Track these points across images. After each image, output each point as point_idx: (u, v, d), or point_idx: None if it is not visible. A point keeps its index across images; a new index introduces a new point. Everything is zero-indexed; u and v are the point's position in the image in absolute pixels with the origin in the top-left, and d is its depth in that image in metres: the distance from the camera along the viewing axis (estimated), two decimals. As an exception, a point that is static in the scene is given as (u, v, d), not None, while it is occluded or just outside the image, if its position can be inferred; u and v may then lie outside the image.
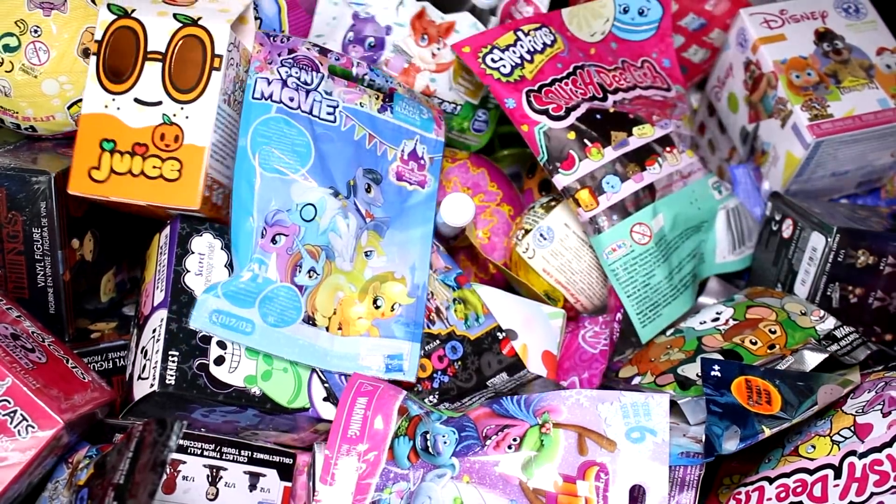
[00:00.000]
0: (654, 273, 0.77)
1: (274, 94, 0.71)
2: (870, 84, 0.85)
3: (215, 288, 0.68)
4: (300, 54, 0.74)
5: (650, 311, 0.78)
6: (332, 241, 0.71)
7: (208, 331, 0.67)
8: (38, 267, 0.72)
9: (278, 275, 0.69)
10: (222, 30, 0.68)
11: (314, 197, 0.71)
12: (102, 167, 0.68)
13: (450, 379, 0.73)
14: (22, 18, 0.72)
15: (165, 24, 0.69)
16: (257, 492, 0.70)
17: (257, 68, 0.71)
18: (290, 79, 0.72)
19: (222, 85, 0.69)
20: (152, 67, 0.68)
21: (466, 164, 0.85)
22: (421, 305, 0.73)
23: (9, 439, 0.61)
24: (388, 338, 0.72)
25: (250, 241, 0.68)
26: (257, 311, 0.68)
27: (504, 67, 0.79)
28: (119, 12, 0.69)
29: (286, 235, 0.69)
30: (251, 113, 0.70)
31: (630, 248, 0.77)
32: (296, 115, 0.72)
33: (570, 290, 0.80)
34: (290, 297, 0.69)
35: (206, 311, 0.67)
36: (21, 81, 0.73)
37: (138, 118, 0.68)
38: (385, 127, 0.76)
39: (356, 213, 0.73)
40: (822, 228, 0.78)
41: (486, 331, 0.75)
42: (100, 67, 0.69)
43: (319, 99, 0.73)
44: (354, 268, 0.73)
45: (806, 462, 0.64)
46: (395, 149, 0.76)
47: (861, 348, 0.71)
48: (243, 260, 0.68)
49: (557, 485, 0.61)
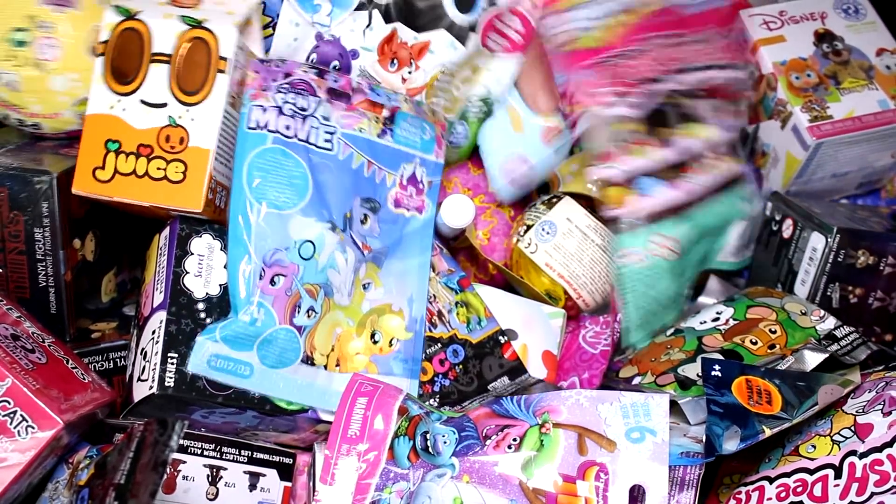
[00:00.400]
0: (659, 284, 0.76)
1: (270, 123, 0.69)
2: (869, 85, 0.85)
3: (213, 331, 0.67)
4: (296, 78, 0.72)
5: (644, 320, 0.77)
6: (331, 277, 0.70)
7: (206, 375, 0.66)
8: (39, 267, 0.72)
9: (277, 317, 0.68)
10: (228, 32, 0.68)
11: (313, 233, 0.70)
12: (107, 167, 0.68)
13: (451, 383, 0.73)
14: (33, 14, 0.72)
15: (171, 25, 0.69)
16: (257, 492, 0.70)
17: (252, 96, 0.70)
18: (287, 105, 0.70)
19: (228, 87, 0.69)
20: (158, 69, 0.69)
21: (468, 165, 0.85)
22: (419, 341, 0.73)
23: (9, 440, 0.61)
24: (387, 375, 0.71)
25: (248, 281, 0.67)
26: (256, 354, 0.68)
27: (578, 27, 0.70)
28: (125, 14, 0.69)
29: (285, 276, 0.68)
30: (247, 144, 0.69)
31: (644, 258, 0.73)
32: (292, 145, 0.70)
33: (572, 286, 0.80)
34: (289, 339, 0.69)
35: (205, 355, 0.67)
36: (30, 77, 0.73)
37: (144, 119, 0.68)
38: (384, 152, 0.74)
39: (353, 247, 0.72)
40: (822, 228, 0.78)
41: (488, 334, 0.75)
42: (106, 68, 0.69)
43: (317, 125, 0.71)
44: (352, 301, 0.72)
45: (806, 462, 0.63)
46: (394, 174, 0.74)
47: (861, 348, 0.71)
48: (241, 300, 0.67)
49: (557, 485, 0.61)
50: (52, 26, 0.72)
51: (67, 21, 0.73)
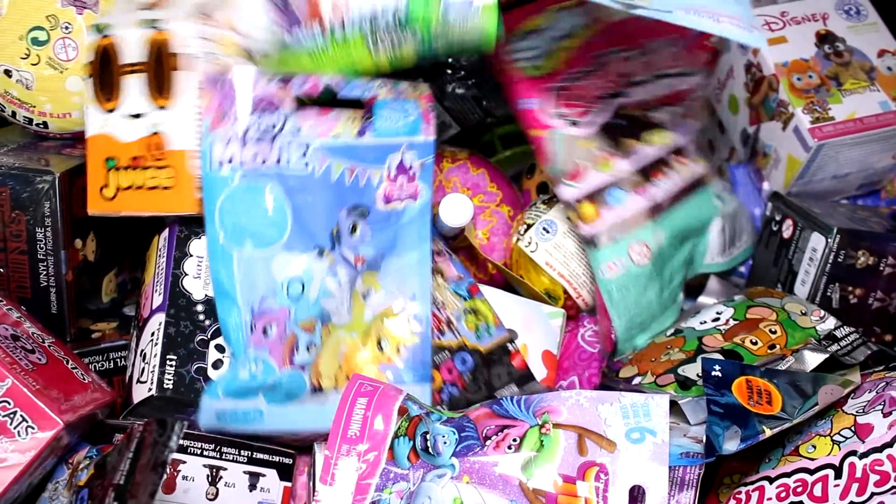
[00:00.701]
0: (647, 292, 0.76)
1: (234, 157, 0.64)
2: (871, 86, 0.85)
3: (215, 389, 0.65)
4: (258, 94, 0.65)
5: (636, 328, 0.77)
6: (325, 305, 0.68)
7: (219, 428, 0.66)
8: (41, 267, 0.72)
9: (276, 364, 0.66)
10: (181, 28, 0.66)
11: (298, 269, 0.66)
12: (110, 185, 0.69)
13: (460, 392, 0.72)
14: (54, 14, 0.73)
15: (137, 34, 0.67)
16: (257, 492, 0.70)
17: (211, 125, 0.64)
18: (251, 129, 0.65)
19: (196, 83, 0.66)
20: (133, 80, 0.67)
21: (466, 164, 0.85)
22: (426, 343, 0.70)
23: (9, 440, 0.61)
24: (398, 384, 0.70)
25: (239, 333, 0.65)
26: (262, 399, 0.66)
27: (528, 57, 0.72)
28: (97, 31, 0.69)
29: (276, 323, 0.66)
30: (212, 189, 0.64)
31: (627, 268, 0.75)
32: (263, 176, 0.65)
33: (572, 284, 0.80)
34: (293, 379, 0.67)
35: (212, 413, 0.66)
36: (46, 76, 0.73)
37: (130, 132, 0.68)
38: (366, 151, 0.69)
39: (345, 264, 0.69)
40: (822, 229, 0.78)
41: (497, 342, 0.73)
42: (95, 88, 0.69)
43: (288, 142, 0.65)
44: (353, 315, 0.69)
45: (806, 462, 0.63)
46: (381, 169, 0.69)
47: (861, 348, 0.70)
48: (237, 351, 0.66)
49: (557, 485, 0.60)
50: (71, 27, 0.73)
51: (87, 23, 0.73)
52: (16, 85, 0.74)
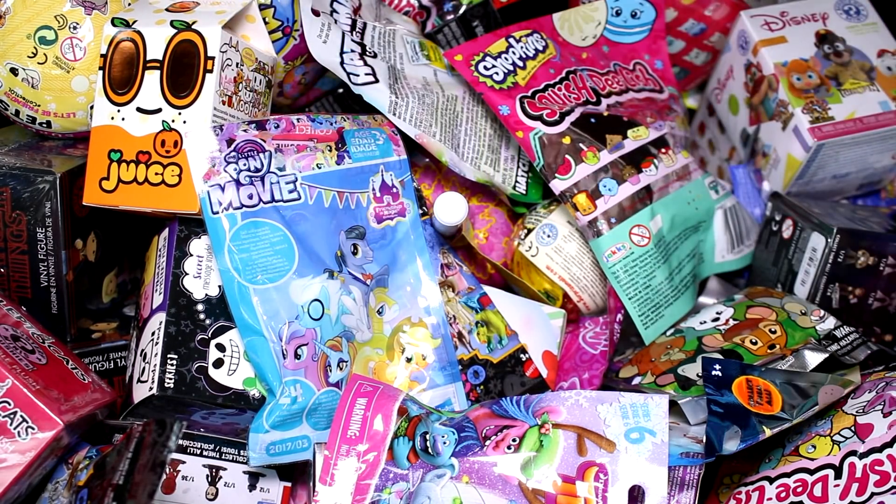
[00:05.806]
0: (655, 274, 0.77)
1: (233, 201, 0.67)
2: (871, 86, 0.85)
3: (260, 421, 0.66)
4: (239, 141, 0.69)
5: (652, 312, 0.77)
6: (346, 322, 0.70)
7: (271, 463, 0.66)
8: (41, 267, 0.72)
9: (314, 385, 0.67)
10: (213, 32, 0.69)
11: (315, 291, 0.68)
12: (111, 177, 0.69)
13: (472, 404, 0.72)
14: (62, 13, 0.73)
15: (162, 32, 0.69)
16: (257, 492, 0.70)
17: (205, 176, 0.67)
18: (242, 174, 0.68)
19: (218, 87, 0.69)
20: (152, 76, 0.69)
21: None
22: (448, 342, 0.72)
23: (9, 441, 0.61)
24: (432, 388, 0.71)
25: (273, 364, 0.66)
26: (307, 425, 0.67)
27: (497, 75, 0.79)
28: (122, 25, 0.70)
29: (306, 344, 0.67)
30: (217, 231, 0.67)
31: (630, 250, 0.77)
32: (261, 212, 0.68)
33: (573, 288, 0.80)
34: (332, 398, 0.68)
35: (262, 447, 0.66)
36: (52, 75, 0.74)
37: (141, 127, 0.69)
38: (349, 176, 0.72)
39: (356, 282, 0.71)
40: (822, 229, 0.78)
41: (510, 353, 0.74)
42: (106, 80, 0.70)
43: (276, 180, 0.69)
44: (374, 331, 0.72)
45: (806, 462, 0.63)
46: (366, 191, 0.73)
47: (861, 348, 0.70)
48: (273, 383, 0.66)
49: (557, 485, 0.60)
50: (79, 27, 0.73)
51: (96, 24, 0.74)
52: (21, 83, 0.74)
